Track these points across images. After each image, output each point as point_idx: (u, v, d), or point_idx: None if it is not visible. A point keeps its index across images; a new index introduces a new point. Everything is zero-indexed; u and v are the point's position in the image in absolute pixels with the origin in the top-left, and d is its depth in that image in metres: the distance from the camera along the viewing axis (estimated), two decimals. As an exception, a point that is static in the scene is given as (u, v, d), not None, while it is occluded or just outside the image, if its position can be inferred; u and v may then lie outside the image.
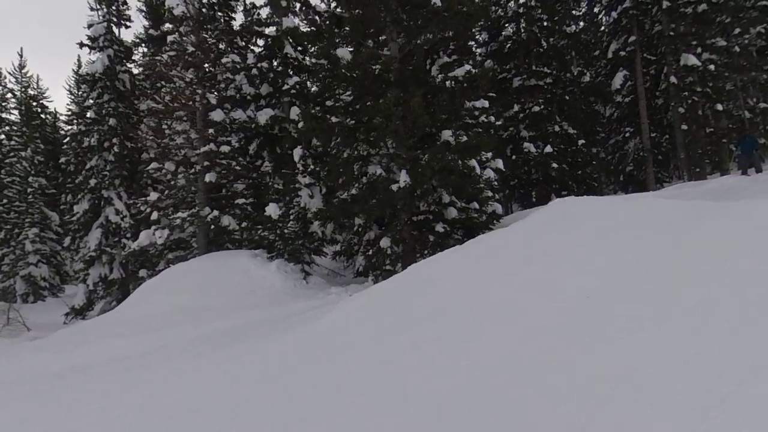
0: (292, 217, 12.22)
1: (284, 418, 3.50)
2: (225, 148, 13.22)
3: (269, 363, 4.81)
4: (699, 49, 17.30)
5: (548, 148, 18.06)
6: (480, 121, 11.37)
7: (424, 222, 10.21)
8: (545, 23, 19.35)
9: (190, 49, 13.19)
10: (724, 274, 3.28)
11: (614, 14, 19.43)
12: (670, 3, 17.61)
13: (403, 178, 8.92)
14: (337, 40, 11.02)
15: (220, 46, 15.05)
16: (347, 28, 10.70)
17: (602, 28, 22.37)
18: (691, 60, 16.95)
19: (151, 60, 13.72)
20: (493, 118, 14.00)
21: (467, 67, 9.46)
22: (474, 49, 18.57)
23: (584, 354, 2.94)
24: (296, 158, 13.07)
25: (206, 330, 7.88)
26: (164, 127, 13.15)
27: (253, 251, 11.73)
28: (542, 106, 18.76)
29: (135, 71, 20.35)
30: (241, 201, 13.52)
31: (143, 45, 21.10)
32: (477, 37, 19.81)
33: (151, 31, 20.23)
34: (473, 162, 10.41)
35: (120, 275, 16.88)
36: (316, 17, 17.27)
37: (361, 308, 5.35)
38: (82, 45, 17.03)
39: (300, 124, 13.72)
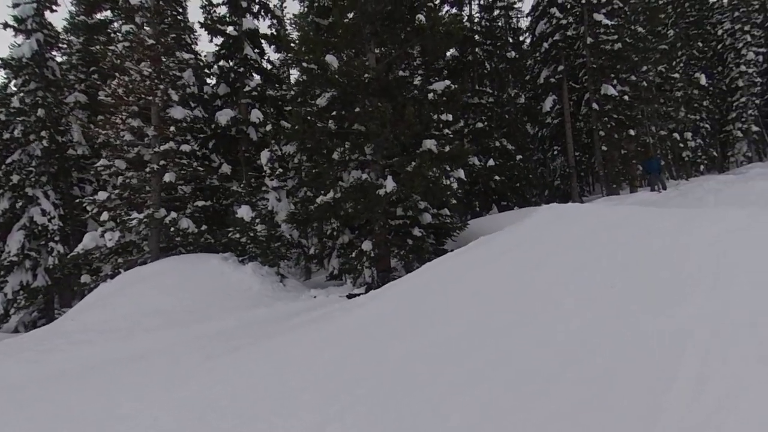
0: (258, 220, 12.04)
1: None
2: (186, 148, 12.66)
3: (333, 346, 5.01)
4: (615, 81, 19.99)
5: (491, 162, 19.56)
6: (444, 133, 12.19)
7: (401, 226, 10.71)
8: (488, 47, 21.04)
9: (149, 41, 12.49)
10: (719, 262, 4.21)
11: (546, 45, 21.69)
12: (592, 39, 20.14)
13: (390, 184, 9.37)
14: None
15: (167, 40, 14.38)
16: (325, 35, 10.97)
17: (531, 56, 24.73)
18: (610, 90, 19.52)
19: (103, 49, 12.69)
20: (447, 131, 14.91)
21: (447, 82, 10.24)
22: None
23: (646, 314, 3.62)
24: (263, 161, 12.96)
25: (199, 331, 7.62)
26: (118, 121, 12.24)
27: (223, 254, 11.36)
28: (485, 123, 20.31)
29: (59, 59, 18.58)
30: (200, 203, 12.97)
31: (71, 32, 19.31)
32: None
33: (82, 18, 18.65)
34: (430, 172, 11.12)
35: (45, 283, 15.19)
36: (275, 20, 17.31)
37: (396, 301, 5.71)
38: (6, 26, 15.23)
39: (268, 127, 13.65)
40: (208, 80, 15.96)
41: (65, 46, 18.30)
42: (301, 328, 6.39)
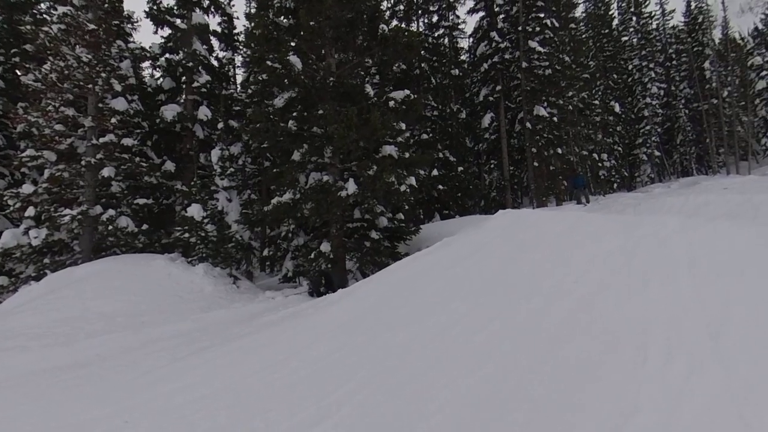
0: (207, 220, 11.59)
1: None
2: (128, 141, 11.86)
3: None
4: (545, 104, 21.82)
5: (435, 172, 20.35)
6: (398, 141, 12.61)
7: (358, 229, 10.86)
8: (434, 63, 21.99)
9: (90, 26, 11.62)
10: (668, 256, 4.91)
11: (485, 65, 23.12)
12: (527, 64, 21.86)
13: (352, 186, 9.52)
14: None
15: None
16: (286, 36, 10.95)
17: (471, 74, 26.22)
18: (542, 111, 21.27)
19: (34, 30, 11.50)
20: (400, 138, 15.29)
21: (406, 91, 10.66)
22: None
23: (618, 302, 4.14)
24: (214, 159, 12.53)
25: (154, 334, 7.20)
26: (50, 109, 11.19)
27: (169, 255, 10.76)
28: (429, 135, 21.15)
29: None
30: (142, 201, 12.19)
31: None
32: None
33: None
34: (392, 177, 11.52)
35: (-56, 286, 13.29)
36: (225, 18, 16.87)
37: (372, 298, 5.86)
38: None
39: (220, 125, 13.23)
40: (155, 72, 15.14)
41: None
42: (273, 327, 6.32)
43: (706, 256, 4.48)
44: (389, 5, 22.30)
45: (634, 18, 34.66)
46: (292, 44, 10.32)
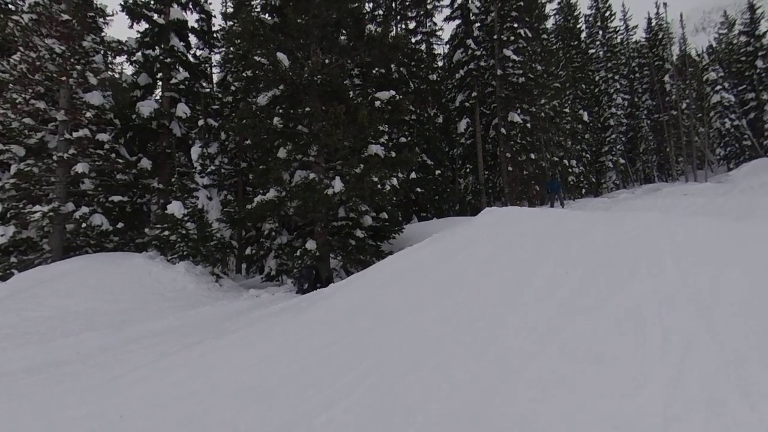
0: (187, 218, 11.33)
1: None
2: (103, 137, 11.46)
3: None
4: (519, 110, 22.48)
5: (413, 175, 20.55)
6: (380, 142, 12.72)
7: (343, 227, 10.87)
8: (412, 68, 22.27)
9: (64, 16, 11.21)
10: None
11: (461, 72, 23.61)
12: (501, 71, 22.48)
13: (338, 184, 9.53)
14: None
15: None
16: (272, 34, 10.91)
17: (447, 80, 26.69)
18: (516, 118, 21.89)
19: (2, 18, 10.98)
20: (382, 139, 15.35)
21: (392, 92, 10.79)
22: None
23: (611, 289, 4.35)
24: (194, 157, 12.29)
25: (137, 332, 6.97)
26: (19, 101, 10.70)
27: (148, 253, 10.44)
28: (408, 138, 21.35)
29: None
30: (117, 198, 11.78)
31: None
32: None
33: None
34: (375, 177, 11.61)
35: None
36: (203, 15, 16.61)
37: (366, 292, 5.90)
38: None
39: (200, 122, 12.97)
40: (127, 68, 14.71)
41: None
42: (265, 321, 6.26)
43: (689, 247, 4.77)
44: (369, 10, 22.49)
45: (601, 32, 36.26)
46: (277, 43, 10.27)
